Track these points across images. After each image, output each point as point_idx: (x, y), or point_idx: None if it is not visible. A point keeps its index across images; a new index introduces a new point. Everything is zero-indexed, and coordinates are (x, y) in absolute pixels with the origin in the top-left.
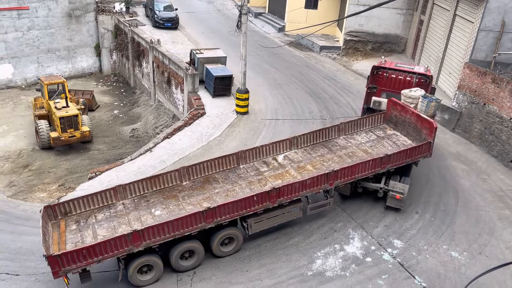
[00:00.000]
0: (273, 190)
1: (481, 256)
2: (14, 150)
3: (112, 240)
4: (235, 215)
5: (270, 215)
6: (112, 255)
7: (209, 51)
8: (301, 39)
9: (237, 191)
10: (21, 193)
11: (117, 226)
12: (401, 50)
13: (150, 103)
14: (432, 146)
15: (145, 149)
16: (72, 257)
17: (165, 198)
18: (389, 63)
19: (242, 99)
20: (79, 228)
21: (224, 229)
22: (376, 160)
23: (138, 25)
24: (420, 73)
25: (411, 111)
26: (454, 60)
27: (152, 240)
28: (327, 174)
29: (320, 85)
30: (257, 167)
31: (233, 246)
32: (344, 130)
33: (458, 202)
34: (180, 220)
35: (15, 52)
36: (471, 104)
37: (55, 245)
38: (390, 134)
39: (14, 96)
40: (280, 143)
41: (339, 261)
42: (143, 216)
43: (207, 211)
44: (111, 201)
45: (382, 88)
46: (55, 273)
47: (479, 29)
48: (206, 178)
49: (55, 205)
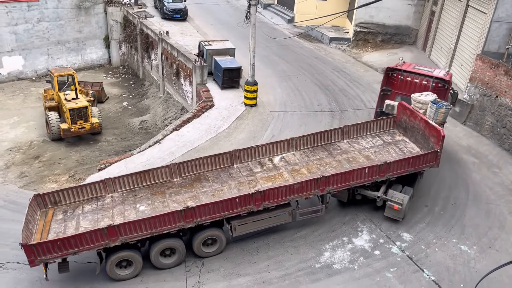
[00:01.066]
0: (257, 193)
1: (491, 250)
2: (25, 141)
3: (87, 234)
4: (216, 216)
5: (256, 218)
6: (88, 248)
7: (218, 43)
8: (310, 31)
9: (225, 191)
10: (32, 184)
11: (100, 219)
12: (412, 42)
13: (159, 95)
14: (439, 155)
15: (154, 141)
16: (47, 247)
17: (153, 194)
18: (407, 65)
19: (250, 91)
20: (65, 218)
21: (206, 230)
22: (374, 167)
23: (147, 16)
24: (437, 77)
25: (419, 116)
26: (466, 51)
27: (129, 236)
28: (317, 180)
29: (329, 77)
30: (251, 168)
31: (215, 247)
32: (349, 133)
33: (468, 195)
34: (158, 218)
35: (26, 44)
36: (483, 96)
37: (38, 233)
38: (398, 140)
39: (25, 87)
40: (277, 144)
41: (347, 254)
42: (127, 211)
43: (186, 210)
44: (101, 194)
45: (397, 91)
46: (31, 261)
47: (492, 20)
48: (197, 176)
49: (45, 194)
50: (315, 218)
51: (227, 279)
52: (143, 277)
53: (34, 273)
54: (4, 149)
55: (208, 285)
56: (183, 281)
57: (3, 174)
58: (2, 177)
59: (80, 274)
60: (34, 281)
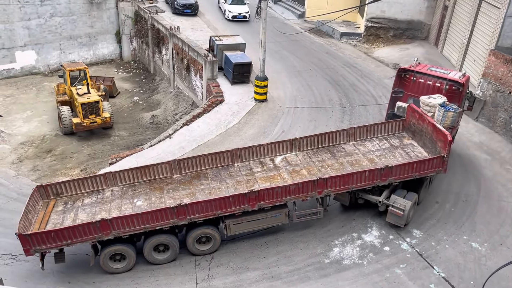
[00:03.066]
0: (251, 192)
1: (502, 248)
2: (38, 135)
3: (80, 226)
4: (210, 214)
5: (251, 218)
6: (82, 240)
7: (228, 38)
8: (321, 26)
9: (222, 190)
10: (44, 177)
11: (97, 212)
12: (424, 37)
13: (169, 90)
14: (446, 161)
15: (165, 136)
16: (42, 238)
17: (151, 189)
18: (422, 66)
19: (261, 86)
20: (64, 210)
21: (200, 228)
22: (374, 171)
23: (158, 11)
24: (450, 79)
25: (427, 120)
26: (479, 47)
27: (121, 230)
28: (314, 181)
29: (340, 72)
30: (251, 167)
31: (209, 245)
32: (354, 135)
33: (479, 192)
34: (150, 214)
35: (38, 38)
36: (496, 92)
37: (37, 224)
38: (406, 144)
39: (38, 82)
40: (280, 144)
41: (356, 250)
42: (124, 205)
43: (178, 207)
44: (102, 187)
45: (409, 93)
46: (26, 251)
47: (506, 15)
48: (197, 173)
49: (48, 185)
50: (324, 214)
51: (237, 273)
52: (153, 271)
53: (47, 265)
54: (17, 143)
55: (217, 279)
56: (192, 274)
57: (16, 168)
58: (15, 171)
59: (88, 266)
60: (47, 273)
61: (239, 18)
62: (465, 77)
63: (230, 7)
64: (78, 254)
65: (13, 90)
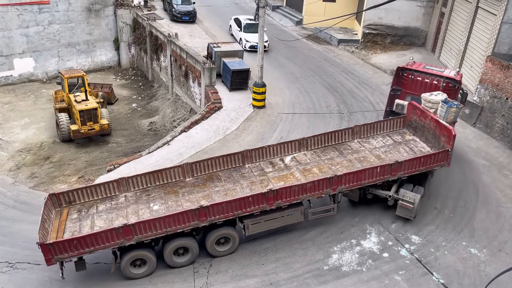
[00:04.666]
0: (270, 192)
1: (501, 253)
2: (35, 142)
3: (103, 233)
4: (230, 215)
5: (268, 217)
6: (104, 247)
7: (227, 45)
8: (319, 32)
9: (237, 191)
10: (42, 185)
11: (114, 218)
12: (421, 44)
13: (167, 96)
14: (450, 155)
15: (163, 142)
16: (64, 246)
17: (166, 193)
18: (417, 65)
19: (259, 92)
20: (80, 217)
21: (219, 229)
22: (385, 166)
23: (156, 19)
24: (447, 77)
25: (430, 116)
26: (476, 53)
27: (143, 235)
28: (329, 179)
29: (338, 78)
30: (262, 168)
31: (228, 246)
32: (359, 133)
33: (478, 198)
34: (172, 217)
35: (36, 46)
36: (493, 98)
37: (54, 232)
38: (409, 140)
39: (36, 89)
40: (288, 144)
41: (355, 256)
42: (141, 210)
43: (200, 209)
44: (114, 193)
45: (407, 91)
46: (48, 260)
47: (502, 21)
48: (209, 176)
49: (60, 193)
50: (323, 220)
51: (235, 281)
52: (152, 278)
53: (45, 273)
54: (15, 150)
55: (216, 286)
56: (191, 282)
57: (14, 175)
58: (13, 178)
59: (91, 275)
60: (44, 281)
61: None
62: (459, 75)
63: (246, 35)
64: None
65: (11, 97)
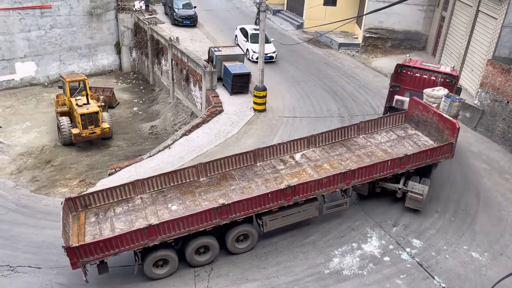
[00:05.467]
0: (288, 188)
1: (502, 257)
2: (37, 146)
3: (128, 234)
4: (250, 212)
5: (286, 213)
6: (128, 248)
7: (227, 49)
8: (319, 36)
9: (253, 189)
10: (43, 188)
11: (134, 220)
12: (422, 47)
13: (168, 100)
14: (454, 147)
15: (164, 146)
16: (89, 249)
17: (182, 193)
18: (414, 62)
19: (259, 96)
20: (98, 220)
21: (239, 226)
22: (395, 160)
23: (157, 23)
24: (445, 73)
25: (433, 110)
26: (476, 57)
27: (167, 234)
28: (343, 174)
29: (338, 82)
30: (274, 165)
31: (248, 243)
32: (364, 129)
33: (479, 201)
34: (195, 216)
35: (38, 50)
36: (494, 102)
37: (75, 236)
38: (411, 134)
39: (37, 93)
40: (297, 141)
41: (356, 260)
42: (160, 211)
43: (222, 207)
44: (130, 195)
45: (406, 87)
46: (73, 264)
47: (503, 25)
48: (223, 175)
49: (76, 197)
50: (324, 223)
51: (236, 284)
52: (153, 283)
53: (46, 277)
54: (16, 154)
55: None
56: (192, 285)
57: (15, 178)
58: (14, 181)
59: (92, 277)
60: (45, 285)
61: (265, 59)
62: (455, 70)
63: (253, 46)
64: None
65: (12, 101)
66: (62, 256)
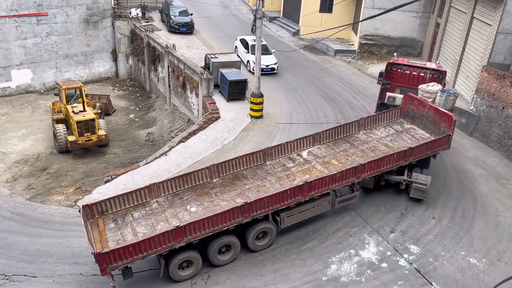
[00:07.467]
0: (305, 184)
1: (500, 263)
2: (32, 154)
3: (156, 237)
4: (270, 209)
5: (301, 209)
6: (156, 251)
7: (224, 56)
8: (315, 43)
9: (268, 187)
10: (39, 196)
11: (155, 224)
12: (417, 54)
13: (165, 107)
14: (451, 138)
15: (160, 153)
16: (119, 254)
17: (198, 195)
18: (401, 60)
19: (256, 103)
20: (118, 226)
21: (259, 223)
22: (400, 153)
23: (154, 30)
24: (433, 69)
25: (429, 105)
26: (471, 63)
27: (193, 235)
28: (355, 168)
29: (334, 89)
30: (283, 163)
31: (267, 240)
32: (364, 125)
33: (476, 207)
34: (220, 215)
35: (34, 57)
36: (489, 107)
37: (97, 243)
38: (408, 128)
39: (33, 100)
40: (303, 139)
41: (354, 267)
42: (180, 213)
43: (244, 206)
44: (146, 200)
45: (396, 84)
46: (103, 270)
47: (497, 31)
48: (235, 175)
49: (92, 204)
50: (321, 230)
51: None
52: None
53: (40, 286)
54: (12, 161)
55: None
56: None
57: (10, 186)
58: (9, 189)
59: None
60: None
61: (266, 70)
62: (440, 66)
63: (254, 57)
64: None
65: (8, 108)
66: (57, 265)
